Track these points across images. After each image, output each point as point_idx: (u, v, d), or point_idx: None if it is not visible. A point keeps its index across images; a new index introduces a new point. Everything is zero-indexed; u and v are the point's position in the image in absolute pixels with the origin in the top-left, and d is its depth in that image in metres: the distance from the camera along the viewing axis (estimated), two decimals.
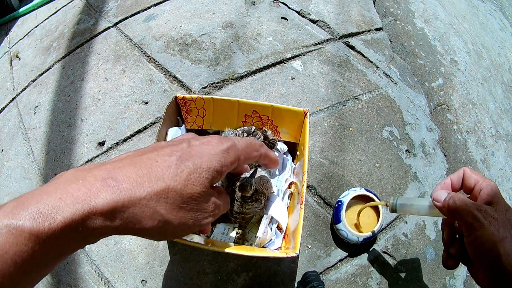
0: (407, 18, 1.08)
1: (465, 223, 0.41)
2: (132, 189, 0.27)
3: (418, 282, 0.69)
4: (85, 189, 0.26)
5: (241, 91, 0.86)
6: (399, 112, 0.87)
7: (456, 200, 0.43)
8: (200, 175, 0.30)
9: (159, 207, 0.28)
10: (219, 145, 0.32)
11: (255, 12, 0.99)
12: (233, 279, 0.67)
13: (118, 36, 1.00)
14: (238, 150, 0.34)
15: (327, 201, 0.74)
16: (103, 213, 0.26)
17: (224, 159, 0.32)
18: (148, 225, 0.28)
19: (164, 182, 0.28)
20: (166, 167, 0.29)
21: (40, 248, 0.24)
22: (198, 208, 0.31)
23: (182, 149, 0.31)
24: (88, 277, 0.70)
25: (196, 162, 0.30)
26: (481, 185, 0.45)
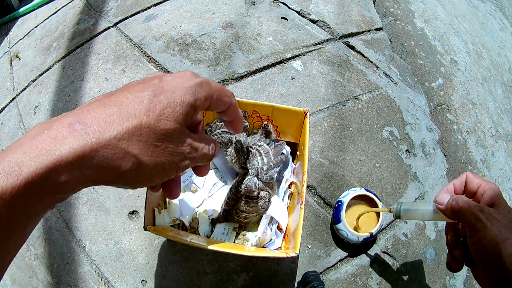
0: (407, 18, 1.08)
1: (468, 224, 0.42)
2: (101, 130, 0.25)
3: (418, 282, 0.69)
4: (50, 139, 0.24)
5: (241, 91, 0.86)
6: (399, 112, 0.87)
7: (459, 201, 0.43)
8: (174, 110, 0.28)
9: (132, 146, 0.26)
10: (192, 78, 0.30)
11: (255, 12, 0.99)
12: (233, 279, 0.67)
13: (118, 36, 1.00)
14: (211, 87, 0.31)
15: (327, 201, 0.74)
16: (69, 162, 0.23)
17: (198, 93, 0.30)
18: (121, 168, 0.26)
19: (136, 118, 0.26)
20: (138, 102, 0.27)
21: (5, 211, 0.22)
22: (173, 148, 0.29)
23: (154, 84, 0.28)
24: (88, 277, 0.70)
25: (169, 96, 0.28)
26: (483, 188, 0.45)
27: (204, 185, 0.73)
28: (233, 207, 0.63)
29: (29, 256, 0.75)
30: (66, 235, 0.74)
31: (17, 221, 0.23)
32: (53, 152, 0.23)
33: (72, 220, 0.75)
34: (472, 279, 0.74)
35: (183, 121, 0.29)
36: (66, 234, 0.74)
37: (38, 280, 0.72)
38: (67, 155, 0.23)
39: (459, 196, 0.45)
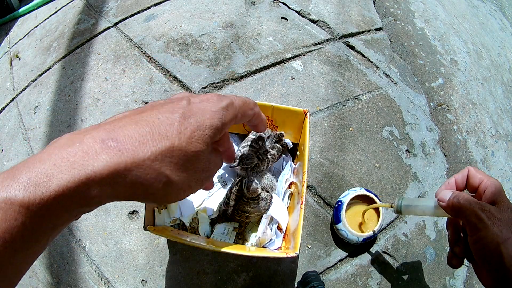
0: (407, 18, 1.08)
1: (469, 223, 0.42)
2: (135, 150, 0.25)
3: (418, 282, 0.69)
4: (82, 153, 0.23)
5: (241, 91, 0.86)
6: (399, 112, 0.87)
7: (460, 199, 0.43)
8: (203, 132, 0.29)
9: (164, 167, 0.26)
10: (219, 102, 0.31)
11: (255, 12, 0.99)
12: (233, 279, 0.67)
13: (118, 36, 1.00)
14: (236, 108, 0.33)
15: (327, 201, 0.74)
16: (103, 178, 0.24)
17: (224, 116, 0.31)
18: (153, 188, 0.26)
19: (168, 140, 0.26)
20: (169, 124, 0.27)
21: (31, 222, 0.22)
22: (201, 167, 0.30)
23: (183, 106, 0.29)
24: (88, 277, 0.70)
25: (198, 119, 0.29)
26: (485, 184, 0.45)
27: None
28: (234, 208, 0.63)
29: None
30: (66, 235, 0.74)
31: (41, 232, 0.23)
32: (86, 167, 0.23)
33: None
34: (472, 279, 0.74)
35: (210, 142, 0.30)
36: (66, 234, 0.74)
37: (38, 280, 0.72)
38: (100, 171, 0.23)
39: (460, 193, 0.44)
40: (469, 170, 0.48)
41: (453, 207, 0.43)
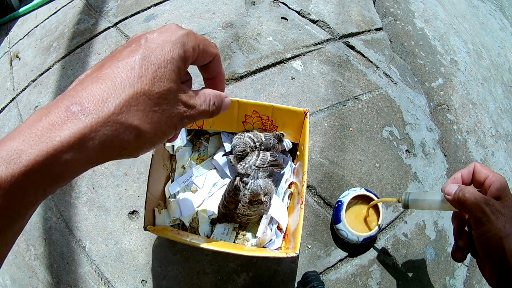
0: (407, 18, 1.08)
1: (473, 217, 0.42)
2: (99, 109, 0.24)
3: (418, 282, 0.69)
4: (49, 125, 0.23)
5: (241, 91, 0.86)
6: (399, 112, 0.87)
7: (466, 192, 0.43)
8: (166, 69, 0.27)
9: (132, 118, 0.25)
10: (178, 30, 0.29)
11: (255, 12, 0.99)
12: (233, 279, 0.67)
13: (118, 36, 1.00)
14: (197, 37, 0.31)
15: (327, 201, 0.74)
16: (71, 146, 0.23)
17: (186, 44, 0.29)
18: (124, 143, 0.25)
19: (131, 87, 0.25)
20: (130, 69, 0.26)
21: (4, 200, 0.21)
22: (170, 110, 0.28)
23: (141, 45, 0.27)
24: (88, 277, 0.70)
25: (159, 55, 0.27)
26: (490, 179, 0.45)
27: (204, 185, 0.73)
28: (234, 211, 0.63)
29: (29, 256, 0.75)
30: (66, 235, 0.74)
31: (15, 210, 0.23)
32: (53, 138, 0.23)
33: (72, 220, 0.75)
34: (472, 279, 0.74)
35: (176, 78, 0.28)
36: (66, 234, 0.74)
37: (38, 280, 0.72)
38: (67, 139, 0.23)
39: (466, 187, 0.45)
40: (475, 165, 0.49)
41: (458, 201, 0.44)
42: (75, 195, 0.77)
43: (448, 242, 0.74)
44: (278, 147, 0.70)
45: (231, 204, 0.62)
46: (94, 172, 0.79)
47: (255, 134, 0.69)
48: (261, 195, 0.60)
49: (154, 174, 0.63)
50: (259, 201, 0.61)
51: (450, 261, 0.73)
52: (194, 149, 0.77)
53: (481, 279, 0.75)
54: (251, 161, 0.65)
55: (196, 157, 0.76)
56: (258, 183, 0.60)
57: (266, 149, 0.68)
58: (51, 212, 0.77)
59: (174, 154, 0.73)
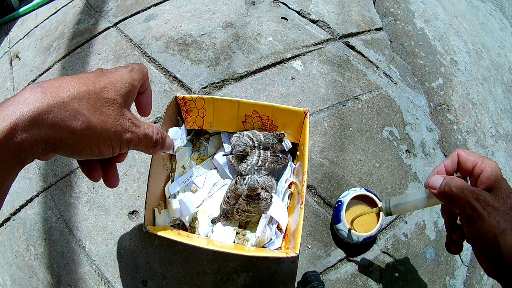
0: (407, 18, 1.08)
1: (463, 214, 0.39)
2: (57, 91, 0.29)
3: (418, 282, 0.69)
4: (15, 103, 0.27)
5: (241, 91, 0.86)
6: (399, 112, 0.87)
7: (452, 186, 0.40)
8: (115, 85, 0.34)
9: (82, 106, 0.30)
10: (125, 67, 0.38)
11: (255, 12, 0.99)
12: (233, 279, 0.67)
13: (118, 36, 1.00)
14: (141, 69, 0.39)
15: (327, 201, 0.74)
16: (28, 120, 0.26)
17: (133, 74, 0.37)
18: (72, 126, 0.29)
19: (85, 86, 0.31)
20: (86, 78, 0.33)
21: None
22: (115, 117, 0.33)
23: (98, 71, 0.35)
24: (88, 277, 0.70)
25: (111, 77, 0.34)
26: (480, 167, 0.41)
27: (204, 185, 0.73)
28: (233, 206, 0.64)
29: (29, 256, 0.75)
30: (66, 235, 0.74)
31: None
32: (14, 114, 0.26)
33: (72, 220, 0.75)
34: (472, 279, 0.74)
35: (124, 95, 0.35)
36: (66, 234, 0.74)
37: (38, 280, 0.72)
38: (26, 114, 0.27)
39: (452, 179, 0.41)
40: (459, 153, 0.44)
41: (445, 195, 0.41)
42: (75, 195, 0.77)
43: None
44: (277, 147, 0.70)
45: (232, 200, 0.63)
46: None
47: (253, 133, 0.69)
48: (259, 189, 0.60)
49: (154, 174, 0.63)
50: (257, 197, 0.61)
51: (450, 261, 0.73)
52: (194, 149, 0.77)
53: (481, 279, 0.75)
54: (252, 161, 0.65)
55: (196, 157, 0.76)
56: (255, 178, 0.60)
57: (265, 149, 0.68)
58: (51, 212, 0.77)
59: (174, 154, 0.73)
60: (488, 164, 0.41)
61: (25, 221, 0.78)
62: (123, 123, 0.34)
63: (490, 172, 0.40)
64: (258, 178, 0.61)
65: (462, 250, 0.47)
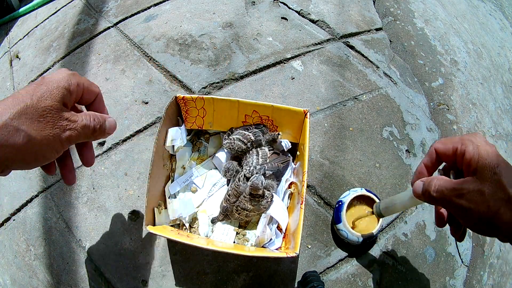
0: (407, 18, 1.08)
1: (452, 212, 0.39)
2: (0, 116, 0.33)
3: (418, 282, 0.69)
4: None
5: (241, 91, 0.86)
6: (399, 112, 0.87)
7: (432, 191, 0.39)
8: (51, 92, 0.37)
9: (21, 124, 0.34)
10: (66, 71, 0.41)
11: (255, 12, 0.99)
12: (233, 279, 0.67)
13: (118, 36, 1.00)
14: (81, 78, 0.42)
15: (327, 201, 0.74)
16: None
17: (70, 80, 0.40)
18: (15, 143, 0.33)
19: (24, 102, 0.35)
20: (25, 92, 0.36)
21: None
22: (53, 121, 0.36)
23: (38, 81, 0.38)
24: (88, 277, 0.70)
25: (48, 85, 0.38)
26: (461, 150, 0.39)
27: (204, 185, 0.73)
28: (233, 204, 0.64)
29: (29, 256, 0.75)
30: (66, 235, 0.74)
31: None
32: None
33: (72, 220, 0.75)
34: (472, 279, 0.74)
35: (60, 99, 0.38)
36: (66, 234, 0.74)
37: (38, 280, 0.72)
38: None
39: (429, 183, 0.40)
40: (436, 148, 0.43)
41: (429, 200, 0.41)
42: (75, 195, 0.77)
43: (448, 242, 0.74)
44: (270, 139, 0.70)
45: (233, 197, 0.63)
46: (94, 172, 0.79)
47: (243, 134, 0.68)
48: (261, 190, 0.60)
49: (154, 174, 0.63)
50: (259, 195, 0.61)
51: (450, 261, 0.73)
52: (194, 149, 0.77)
53: (481, 279, 0.75)
54: (253, 162, 0.65)
55: (196, 157, 0.76)
56: (260, 179, 0.60)
57: (260, 146, 0.68)
58: (51, 212, 0.77)
59: (174, 154, 0.73)
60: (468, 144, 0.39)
61: (25, 221, 0.78)
62: (61, 124, 0.37)
63: (472, 152, 0.37)
64: (263, 179, 0.61)
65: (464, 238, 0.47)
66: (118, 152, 0.81)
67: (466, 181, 0.37)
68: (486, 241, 0.78)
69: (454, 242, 0.75)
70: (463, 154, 0.38)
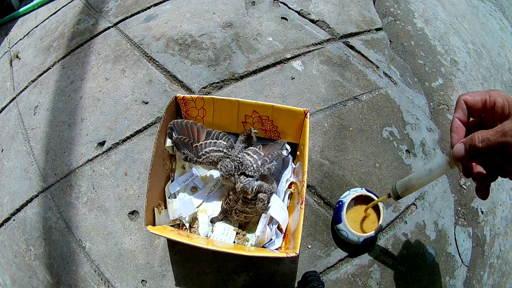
0: (407, 18, 1.08)
1: (503, 156, 0.39)
2: None
3: (418, 282, 0.69)
4: None
5: (241, 91, 0.86)
6: (399, 112, 0.87)
7: (478, 143, 0.40)
8: None
9: None
10: None
11: (255, 12, 0.99)
12: (233, 279, 0.67)
13: (118, 36, 1.00)
14: None
15: (327, 201, 0.74)
16: None
17: None
18: None
19: None
20: None
21: None
22: None
23: None
24: (88, 277, 0.70)
25: None
26: (490, 101, 0.42)
27: (204, 185, 0.73)
28: (232, 208, 0.64)
29: (29, 256, 0.75)
30: (66, 235, 0.74)
31: None
32: None
33: (72, 220, 0.75)
34: (472, 279, 0.74)
35: None
36: (66, 234, 0.74)
37: (38, 280, 0.72)
38: None
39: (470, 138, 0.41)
40: (466, 100, 0.45)
41: (476, 155, 0.41)
42: (75, 195, 0.77)
43: (448, 242, 0.74)
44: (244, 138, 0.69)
45: (233, 201, 0.63)
46: (94, 172, 0.79)
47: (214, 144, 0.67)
48: (250, 194, 0.60)
49: (154, 174, 0.63)
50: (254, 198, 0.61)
51: (450, 261, 0.73)
52: None
53: (481, 279, 0.75)
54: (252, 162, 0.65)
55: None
56: (252, 184, 0.60)
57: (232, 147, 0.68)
58: (51, 212, 0.77)
59: (174, 154, 0.73)
60: (496, 94, 0.42)
61: (25, 221, 0.78)
62: None
63: (502, 101, 0.41)
64: (255, 185, 0.61)
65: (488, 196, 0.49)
66: (118, 152, 0.81)
67: (506, 123, 0.39)
68: (486, 241, 0.78)
69: (454, 242, 0.75)
70: (493, 104, 0.41)
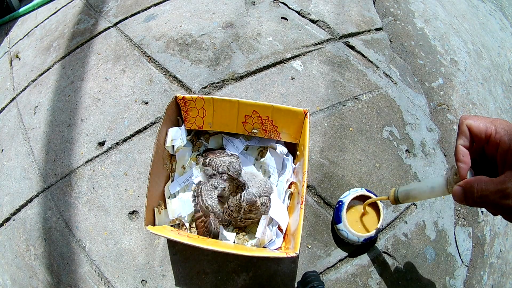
0: (407, 18, 1.08)
1: (497, 213, 0.38)
2: None
3: (418, 282, 0.69)
4: None
5: (241, 91, 0.86)
6: (399, 112, 0.87)
7: (476, 197, 0.38)
8: None
9: None
10: None
11: (255, 12, 0.99)
12: (233, 279, 0.67)
13: (118, 36, 1.00)
14: None
15: (327, 201, 0.74)
16: None
17: None
18: None
19: None
20: None
21: None
22: None
23: None
24: (88, 277, 0.70)
25: None
26: (495, 138, 0.39)
27: None
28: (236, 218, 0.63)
29: (29, 256, 0.75)
30: (66, 235, 0.74)
31: None
32: None
33: (72, 220, 0.75)
34: (472, 279, 0.74)
35: None
36: (66, 234, 0.74)
37: (38, 280, 0.72)
38: None
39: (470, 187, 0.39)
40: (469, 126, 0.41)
41: (472, 205, 0.39)
42: (75, 195, 0.77)
43: (448, 242, 0.74)
44: None
45: (236, 212, 0.63)
46: (94, 172, 0.79)
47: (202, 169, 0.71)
48: (258, 201, 0.61)
49: (154, 174, 0.63)
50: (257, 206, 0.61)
51: (450, 261, 0.73)
52: (194, 149, 0.77)
53: (481, 279, 0.75)
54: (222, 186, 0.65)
55: (196, 157, 0.76)
56: (251, 192, 0.60)
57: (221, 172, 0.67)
58: (51, 212, 0.77)
59: (174, 154, 0.73)
60: (501, 132, 0.38)
61: (25, 221, 0.78)
62: None
63: (508, 143, 0.37)
64: (254, 191, 0.61)
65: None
66: (118, 152, 0.81)
67: (509, 178, 0.36)
68: (486, 241, 0.78)
69: (454, 242, 0.75)
70: (497, 143, 0.38)
